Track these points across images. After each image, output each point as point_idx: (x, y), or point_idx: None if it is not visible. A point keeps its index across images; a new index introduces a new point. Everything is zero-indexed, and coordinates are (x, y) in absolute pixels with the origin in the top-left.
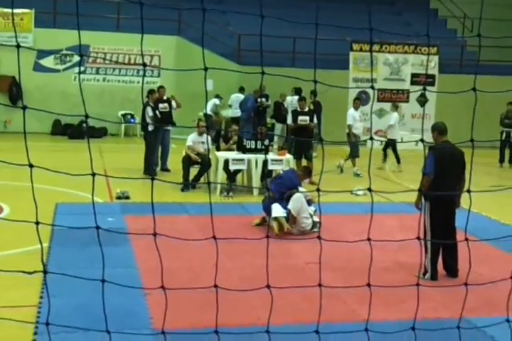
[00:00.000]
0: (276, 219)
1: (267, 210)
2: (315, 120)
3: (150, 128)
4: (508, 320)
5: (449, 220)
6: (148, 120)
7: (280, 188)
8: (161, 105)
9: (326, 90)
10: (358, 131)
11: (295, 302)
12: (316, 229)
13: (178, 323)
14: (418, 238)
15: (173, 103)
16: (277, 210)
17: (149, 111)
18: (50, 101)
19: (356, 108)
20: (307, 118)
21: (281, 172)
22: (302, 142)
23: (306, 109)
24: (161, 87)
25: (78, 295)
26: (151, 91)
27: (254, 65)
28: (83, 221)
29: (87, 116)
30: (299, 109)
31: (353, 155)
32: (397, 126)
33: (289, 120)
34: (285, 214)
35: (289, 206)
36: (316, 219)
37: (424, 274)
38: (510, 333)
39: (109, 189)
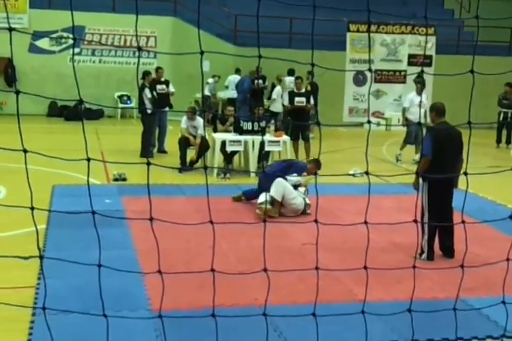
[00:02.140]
0: (261, 204)
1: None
2: (311, 101)
3: (149, 110)
4: (504, 301)
5: (446, 201)
6: (146, 102)
7: (282, 172)
8: (158, 86)
9: (323, 73)
10: (412, 116)
11: (292, 283)
12: (308, 211)
13: (175, 304)
14: (415, 221)
15: (171, 86)
16: (261, 197)
17: (147, 93)
18: (45, 83)
19: (418, 92)
20: (303, 99)
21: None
22: (298, 124)
23: (303, 90)
24: (159, 68)
25: (75, 276)
26: (146, 73)
27: (250, 45)
28: (80, 203)
29: (81, 101)
30: (295, 90)
31: (408, 141)
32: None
33: (286, 101)
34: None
35: (271, 192)
36: (307, 201)
37: (421, 254)
38: (505, 313)
39: (106, 171)
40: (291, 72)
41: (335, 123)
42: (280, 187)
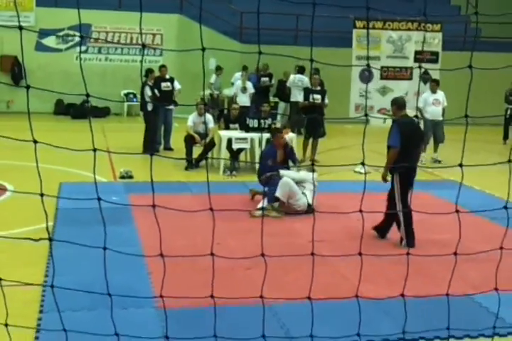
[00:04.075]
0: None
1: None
2: (326, 100)
3: (149, 108)
4: (495, 288)
5: (411, 189)
6: (147, 100)
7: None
8: (163, 84)
9: (322, 68)
10: (429, 115)
11: (299, 280)
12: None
13: (181, 301)
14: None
15: (176, 83)
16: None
17: (148, 91)
18: (52, 81)
19: (433, 91)
20: (319, 96)
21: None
22: (313, 121)
23: (319, 88)
24: (162, 66)
25: (83, 273)
26: (149, 71)
27: (256, 43)
28: (87, 200)
29: (88, 95)
30: (311, 87)
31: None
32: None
33: (300, 98)
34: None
35: (277, 193)
36: (309, 200)
37: (401, 242)
38: (498, 304)
39: (112, 168)
40: (301, 70)
41: (342, 119)
42: (286, 187)
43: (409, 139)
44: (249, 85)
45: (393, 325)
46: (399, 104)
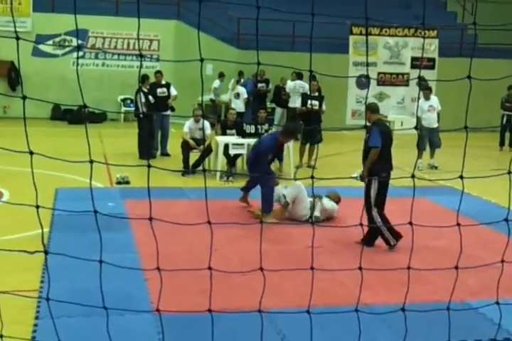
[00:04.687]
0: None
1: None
2: (323, 106)
3: (142, 115)
4: (497, 302)
5: (386, 192)
6: (140, 106)
7: (255, 152)
8: (159, 90)
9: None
10: (425, 122)
11: (297, 288)
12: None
13: (177, 307)
14: (410, 223)
15: (173, 89)
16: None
17: (142, 98)
18: (49, 86)
19: (426, 98)
20: (317, 103)
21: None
22: (310, 127)
23: (316, 94)
24: (157, 71)
25: (79, 280)
26: (144, 77)
27: (253, 49)
28: (84, 206)
29: (85, 106)
30: (309, 93)
31: (419, 147)
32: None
33: (298, 103)
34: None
35: (285, 191)
36: (317, 213)
37: (390, 245)
38: (500, 314)
39: (109, 174)
40: (299, 76)
41: (338, 126)
42: (295, 190)
43: (386, 141)
44: (241, 91)
45: (390, 332)
46: (372, 108)
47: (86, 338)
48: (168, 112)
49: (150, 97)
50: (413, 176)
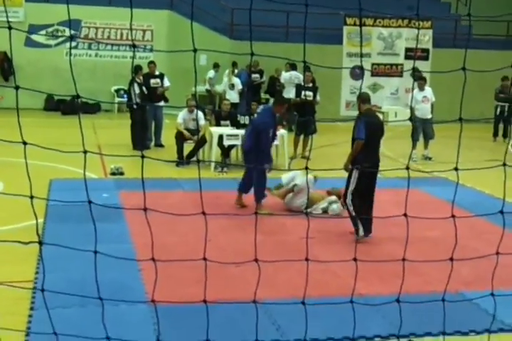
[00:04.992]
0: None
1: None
2: (318, 97)
3: (135, 105)
4: (492, 293)
5: (371, 184)
6: (133, 97)
7: (251, 132)
8: (152, 80)
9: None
10: (419, 112)
11: (291, 279)
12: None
13: (172, 297)
14: (405, 215)
15: (166, 80)
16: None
17: (136, 88)
18: (42, 77)
19: (421, 89)
20: (311, 93)
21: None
22: (304, 118)
23: (311, 85)
24: (150, 62)
25: (73, 271)
26: (138, 68)
27: (247, 39)
28: (78, 197)
29: (78, 96)
30: (303, 84)
31: (413, 138)
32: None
33: (292, 94)
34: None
35: (297, 181)
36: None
37: (358, 234)
38: (503, 306)
39: (103, 165)
40: (293, 67)
41: (332, 116)
42: (307, 183)
43: (373, 133)
44: (236, 81)
45: (384, 323)
46: (362, 98)
47: (81, 329)
48: (162, 103)
49: (143, 88)
50: (407, 168)
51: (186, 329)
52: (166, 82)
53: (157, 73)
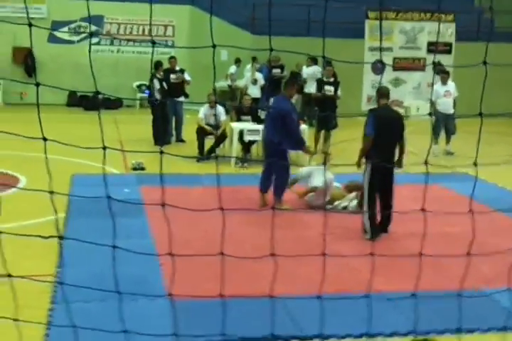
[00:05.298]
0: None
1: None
2: (339, 92)
3: (157, 102)
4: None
5: (386, 181)
6: (155, 93)
7: (270, 122)
8: (172, 76)
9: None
10: (441, 107)
11: (310, 275)
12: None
13: (190, 292)
14: (423, 209)
15: (186, 75)
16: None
17: (156, 84)
18: (64, 73)
19: (443, 82)
20: (332, 88)
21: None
22: (325, 113)
23: (332, 79)
24: (171, 57)
25: (94, 265)
26: (158, 63)
27: (268, 34)
28: (99, 192)
29: (98, 92)
30: (324, 79)
31: (435, 133)
32: None
33: (313, 89)
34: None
35: (316, 182)
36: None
37: (365, 234)
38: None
39: (124, 160)
40: (314, 61)
41: (353, 111)
42: (314, 175)
43: (384, 128)
44: (259, 77)
45: (402, 319)
46: (380, 92)
47: (100, 323)
48: (182, 98)
49: (164, 84)
50: (426, 162)
51: (203, 324)
52: (187, 77)
53: (178, 68)
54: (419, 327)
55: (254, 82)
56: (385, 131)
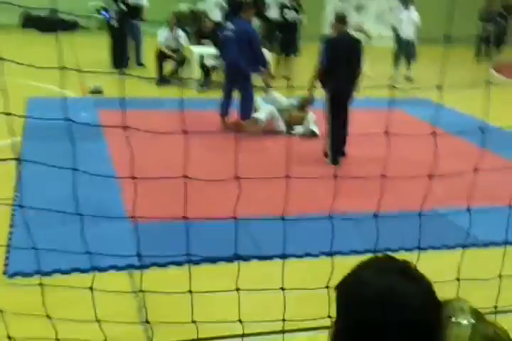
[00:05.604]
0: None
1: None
2: (301, 17)
3: (115, 24)
4: (468, 210)
5: (343, 107)
6: (113, 15)
7: (236, 43)
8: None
9: None
10: (402, 32)
11: (272, 197)
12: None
13: (152, 215)
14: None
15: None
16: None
17: (114, 7)
18: None
19: (406, 7)
20: (294, 13)
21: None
22: (287, 39)
23: (294, 4)
24: None
25: (53, 190)
26: None
27: None
28: (56, 115)
29: (55, 11)
30: (287, 3)
31: (396, 57)
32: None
33: (276, 14)
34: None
35: (260, 114)
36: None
37: (327, 158)
38: (476, 223)
39: (82, 84)
40: None
41: (316, 37)
42: (269, 115)
43: (341, 57)
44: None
45: (360, 238)
46: (336, 18)
47: (61, 246)
48: (140, 21)
49: (122, 5)
50: (391, 86)
51: (167, 245)
52: (145, 2)
53: None
54: (377, 245)
55: (217, 5)
56: (342, 59)
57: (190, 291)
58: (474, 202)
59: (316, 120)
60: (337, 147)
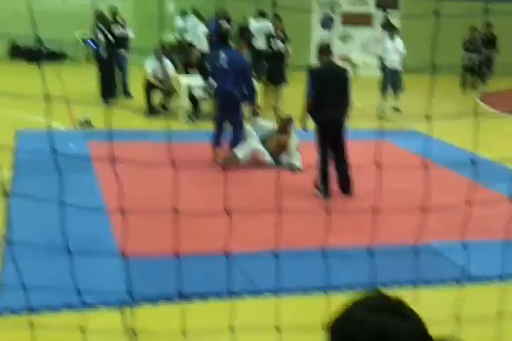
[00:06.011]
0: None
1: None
2: (287, 47)
3: (104, 55)
4: (463, 243)
5: (336, 140)
6: (100, 47)
7: (232, 73)
8: (116, 30)
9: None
10: (388, 63)
11: (260, 230)
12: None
13: (143, 249)
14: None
15: (129, 30)
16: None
17: (101, 37)
18: (5, 23)
19: (391, 38)
20: (281, 44)
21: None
22: (274, 69)
23: (281, 35)
24: (113, 9)
25: (43, 224)
26: (99, 15)
27: None
28: (46, 148)
29: (40, 42)
30: (273, 34)
31: (383, 88)
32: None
33: (262, 44)
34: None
35: (239, 153)
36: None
37: (318, 189)
38: (470, 257)
39: (71, 116)
40: (262, 14)
41: (303, 67)
42: (249, 149)
43: (327, 87)
44: (205, 31)
45: (354, 274)
46: (320, 49)
47: (51, 281)
48: (125, 51)
49: (110, 37)
50: (380, 117)
51: (158, 282)
52: (130, 33)
53: (119, 21)
54: (370, 280)
55: (203, 35)
56: (328, 89)
57: (183, 332)
58: (467, 236)
59: (298, 146)
60: (326, 178)
